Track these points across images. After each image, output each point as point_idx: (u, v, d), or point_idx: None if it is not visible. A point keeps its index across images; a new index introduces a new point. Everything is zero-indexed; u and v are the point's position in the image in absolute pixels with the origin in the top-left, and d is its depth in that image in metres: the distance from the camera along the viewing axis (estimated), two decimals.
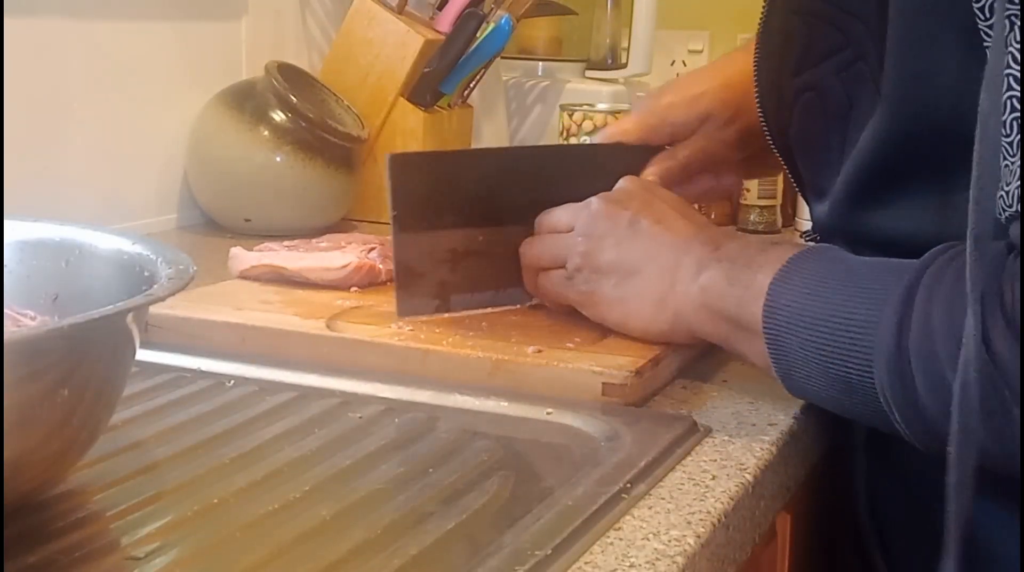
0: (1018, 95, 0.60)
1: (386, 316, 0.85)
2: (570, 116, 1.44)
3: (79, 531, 0.56)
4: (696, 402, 0.77)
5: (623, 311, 0.79)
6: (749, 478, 0.66)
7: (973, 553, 0.61)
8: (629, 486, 0.62)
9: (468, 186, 0.86)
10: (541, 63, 1.76)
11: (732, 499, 0.63)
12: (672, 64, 2.19)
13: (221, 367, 0.79)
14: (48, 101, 1.12)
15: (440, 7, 1.39)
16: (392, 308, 0.88)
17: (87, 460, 0.60)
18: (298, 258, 0.94)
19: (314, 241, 1.00)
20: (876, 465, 0.80)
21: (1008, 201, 0.61)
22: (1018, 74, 0.60)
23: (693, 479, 0.65)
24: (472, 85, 1.45)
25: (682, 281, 0.77)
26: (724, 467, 0.67)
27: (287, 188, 1.22)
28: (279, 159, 1.21)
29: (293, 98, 1.21)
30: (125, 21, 1.20)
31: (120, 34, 1.19)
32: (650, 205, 0.81)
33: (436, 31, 1.36)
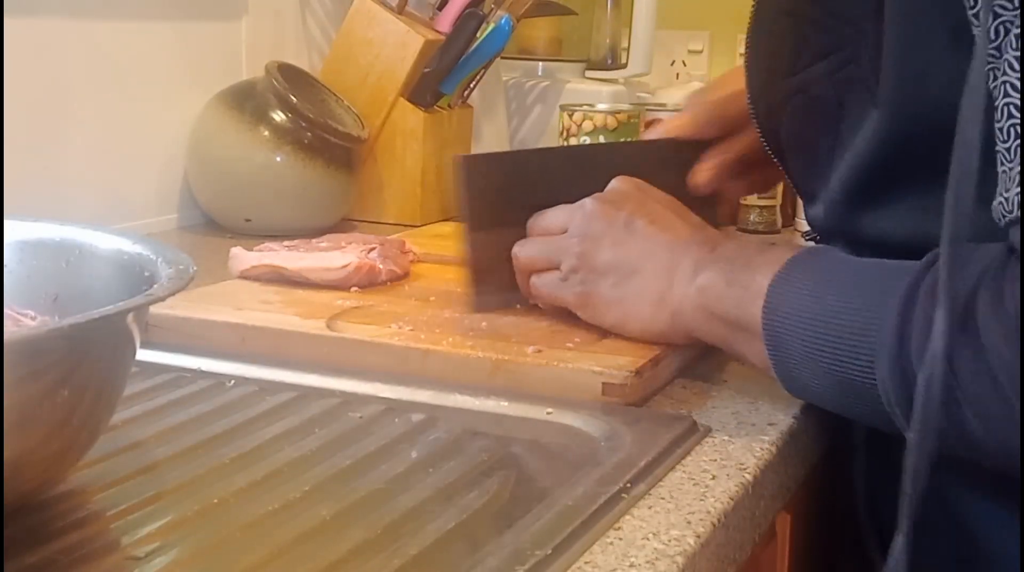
0: (1016, 103, 0.61)
1: (386, 316, 0.85)
2: (570, 116, 1.44)
3: (79, 531, 0.56)
4: (696, 402, 0.77)
5: (621, 312, 0.79)
6: (749, 478, 0.66)
7: (939, 531, 0.64)
8: (629, 486, 0.62)
9: (534, 184, 0.87)
10: (541, 63, 1.76)
11: (732, 499, 0.63)
12: (672, 64, 2.19)
13: (221, 367, 0.79)
14: (48, 101, 1.12)
15: (440, 7, 1.39)
16: (392, 308, 0.88)
17: (87, 460, 0.60)
18: (298, 258, 0.94)
19: (314, 241, 1.00)
20: (876, 465, 0.80)
21: (1008, 207, 0.62)
22: (1016, 82, 0.60)
23: (693, 479, 0.65)
24: (472, 85, 1.45)
25: (680, 282, 0.77)
26: (724, 467, 0.67)
27: (287, 188, 1.22)
28: (279, 159, 1.21)
29: (293, 98, 1.21)
30: (125, 21, 1.20)
31: (120, 34, 1.20)
32: (645, 206, 0.81)
33: (436, 31, 1.36)
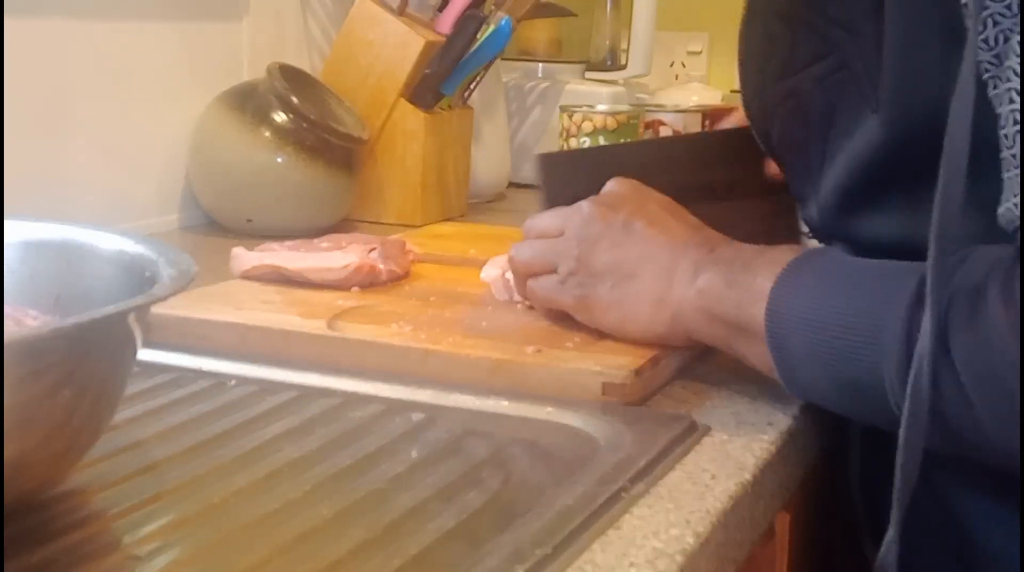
0: (1018, 108, 0.61)
1: (387, 316, 0.85)
2: (570, 117, 1.44)
3: (80, 531, 0.56)
4: (695, 401, 0.77)
5: (620, 314, 0.79)
6: (748, 477, 0.66)
7: (938, 532, 0.65)
8: (629, 485, 0.62)
9: (612, 178, 0.87)
10: (541, 64, 1.76)
11: (731, 498, 0.63)
12: (672, 65, 2.19)
13: (222, 367, 0.79)
14: (50, 102, 1.12)
15: (440, 8, 1.39)
16: (393, 308, 0.88)
17: (88, 460, 0.60)
18: (299, 258, 0.95)
19: (315, 241, 1.01)
20: (871, 463, 0.80)
21: (1015, 212, 0.62)
22: (1018, 87, 0.61)
23: (692, 478, 0.65)
24: (472, 86, 1.45)
25: (679, 284, 0.76)
26: (723, 466, 0.67)
27: (288, 189, 1.22)
28: (280, 160, 1.21)
29: (294, 99, 1.21)
30: (126, 22, 1.20)
31: (121, 35, 1.20)
32: (643, 207, 0.81)
33: (436, 32, 1.36)
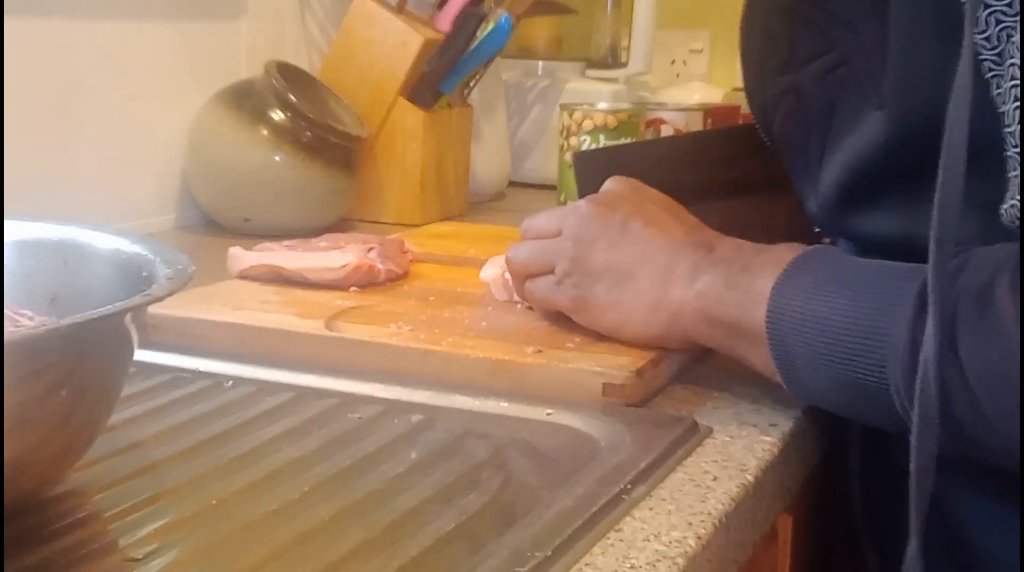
0: (1019, 107, 0.61)
1: (385, 316, 0.85)
2: (570, 115, 1.44)
3: (78, 531, 0.56)
4: (697, 402, 0.76)
5: (617, 315, 0.79)
6: (750, 479, 0.66)
7: (938, 534, 0.62)
8: (630, 487, 0.62)
9: (648, 174, 0.87)
10: (541, 62, 1.75)
11: (733, 500, 0.63)
12: (672, 63, 2.19)
13: (220, 367, 0.79)
14: (47, 101, 1.12)
15: (440, 6, 1.39)
16: (391, 308, 0.88)
17: (86, 460, 0.60)
18: (297, 258, 0.94)
19: (313, 241, 1.00)
20: (870, 464, 0.80)
21: (1017, 211, 0.62)
22: (1019, 83, 0.60)
23: (694, 480, 0.65)
24: (472, 84, 1.45)
25: (678, 285, 0.76)
26: (725, 468, 0.66)
27: (286, 188, 1.22)
28: (278, 159, 1.21)
29: (292, 97, 1.21)
30: (125, 21, 1.20)
31: (119, 34, 1.19)
32: (641, 207, 0.80)
33: (436, 30, 1.36)
